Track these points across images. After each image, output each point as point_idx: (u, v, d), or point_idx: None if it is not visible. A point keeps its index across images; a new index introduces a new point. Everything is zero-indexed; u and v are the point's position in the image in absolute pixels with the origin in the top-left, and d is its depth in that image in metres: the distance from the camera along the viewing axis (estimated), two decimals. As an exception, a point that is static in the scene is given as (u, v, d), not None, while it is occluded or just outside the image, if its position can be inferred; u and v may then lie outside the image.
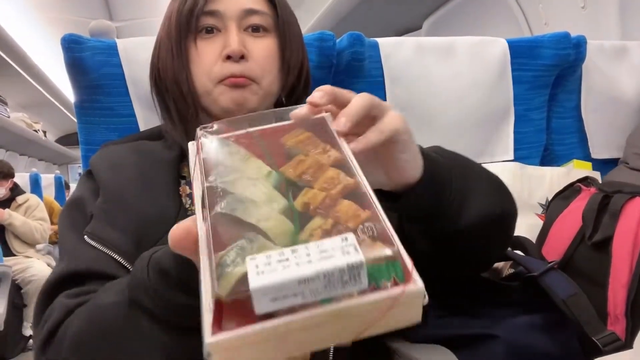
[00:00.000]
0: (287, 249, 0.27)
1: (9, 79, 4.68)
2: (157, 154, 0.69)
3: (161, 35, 0.70)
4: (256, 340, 0.26)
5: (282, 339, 0.27)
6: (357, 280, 0.26)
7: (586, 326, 0.62)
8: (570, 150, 1.29)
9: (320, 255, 0.26)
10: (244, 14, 0.65)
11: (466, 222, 0.51)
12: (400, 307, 0.27)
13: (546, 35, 1.19)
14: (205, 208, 0.32)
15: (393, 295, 0.26)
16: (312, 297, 0.26)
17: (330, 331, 0.28)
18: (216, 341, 0.26)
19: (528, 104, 1.22)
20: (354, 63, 1.04)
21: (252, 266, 0.26)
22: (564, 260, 0.80)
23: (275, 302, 0.25)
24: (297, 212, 0.31)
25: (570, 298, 0.65)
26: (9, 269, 2.57)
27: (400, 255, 0.27)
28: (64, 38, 0.85)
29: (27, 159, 6.10)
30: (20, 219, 3.23)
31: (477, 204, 0.52)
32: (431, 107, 1.11)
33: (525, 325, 0.66)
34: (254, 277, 0.25)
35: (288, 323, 0.26)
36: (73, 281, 0.57)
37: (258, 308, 0.25)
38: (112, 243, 0.58)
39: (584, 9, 1.83)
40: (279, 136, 0.37)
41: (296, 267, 0.26)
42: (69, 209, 0.66)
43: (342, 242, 0.27)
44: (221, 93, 0.65)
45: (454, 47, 1.14)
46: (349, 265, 0.26)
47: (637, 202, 0.73)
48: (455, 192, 0.50)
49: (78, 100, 0.89)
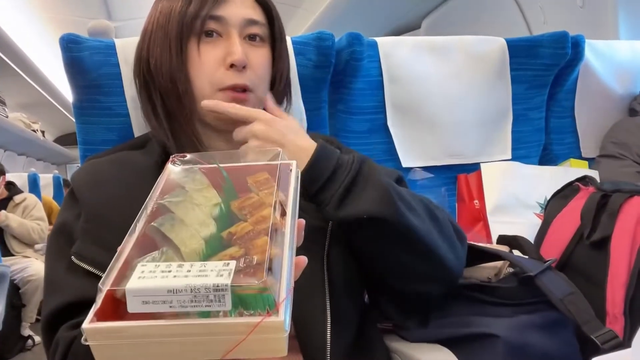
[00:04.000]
0: (175, 263, 0.31)
1: (7, 78, 4.67)
2: (138, 163, 0.68)
3: (153, 29, 0.68)
4: (122, 337, 0.29)
5: (144, 344, 0.30)
6: (222, 301, 0.28)
7: (584, 325, 0.62)
8: (569, 150, 1.29)
9: (198, 272, 0.29)
10: (246, 23, 0.67)
11: (344, 214, 0.58)
12: (260, 335, 0.29)
13: (545, 35, 1.19)
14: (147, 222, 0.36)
15: (252, 322, 0.29)
16: (180, 307, 0.29)
17: (198, 345, 0.30)
18: (89, 327, 0.29)
19: (527, 103, 1.22)
20: (352, 62, 1.04)
21: (139, 271, 0.30)
22: (562, 259, 0.80)
23: (146, 305, 0.29)
24: (220, 239, 0.35)
25: (567, 297, 0.65)
26: (7, 269, 2.56)
27: (273, 290, 0.30)
28: (63, 38, 0.85)
29: (25, 159, 6.09)
30: (16, 220, 3.22)
31: (358, 203, 0.57)
32: (430, 106, 1.12)
33: (524, 324, 0.66)
34: (134, 280, 0.29)
35: (149, 326, 0.29)
36: (69, 313, 0.57)
37: (130, 307, 0.29)
38: (99, 262, 0.58)
39: (583, 8, 1.84)
40: (246, 175, 0.43)
41: (172, 279, 0.29)
42: (55, 236, 0.65)
43: (223, 266, 0.30)
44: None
45: (453, 46, 1.14)
46: (215, 285, 0.28)
47: (636, 201, 0.73)
48: (339, 187, 0.58)
49: (76, 100, 0.89)
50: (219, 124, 0.68)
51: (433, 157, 1.14)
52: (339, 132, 1.08)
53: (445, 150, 1.14)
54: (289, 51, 0.93)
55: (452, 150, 1.15)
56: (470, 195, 1.14)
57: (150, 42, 0.68)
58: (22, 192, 3.53)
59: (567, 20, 1.93)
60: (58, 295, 0.58)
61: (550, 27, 1.79)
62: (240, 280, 0.29)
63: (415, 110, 1.11)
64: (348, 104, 1.09)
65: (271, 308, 0.29)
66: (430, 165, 1.13)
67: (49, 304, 0.59)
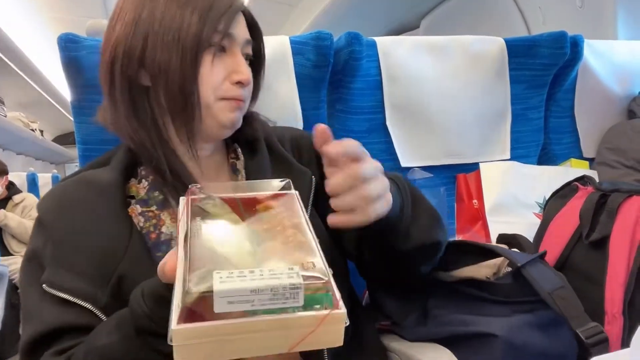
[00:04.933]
0: (246, 270, 0.35)
1: (6, 77, 4.67)
2: (100, 181, 0.68)
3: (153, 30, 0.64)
4: (209, 335, 0.33)
5: (229, 340, 0.34)
6: (296, 298, 0.34)
7: (571, 320, 0.62)
8: (568, 150, 1.30)
9: (270, 275, 0.34)
10: (246, 43, 0.69)
11: (407, 247, 0.64)
12: (326, 326, 0.34)
13: (544, 35, 1.19)
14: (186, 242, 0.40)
15: (321, 315, 0.34)
16: (260, 305, 0.33)
17: (268, 340, 0.35)
18: (177, 329, 0.33)
19: (526, 103, 1.22)
20: (351, 62, 1.04)
21: (217, 277, 0.34)
22: (561, 259, 0.80)
23: (231, 304, 0.33)
24: (260, 255, 0.39)
25: (556, 291, 0.65)
26: (6, 269, 2.56)
27: (331, 289, 0.35)
28: (61, 37, 0.85)
29: (24, 158, 6.08)
30: (15, 219, 3.22)
31: (418, 234, 0.64)
32: (428, 106, 1.12)
33: (523, 323, 0.66)
34: (217, 284, 0.33)
35: (236, 325, 0.33)
36: (47, 340, 0.59)
37: (217, 307, 0.33)
38: (69, 287, 0.59)
39: (582, 8, 1.84)
40: (255, 204, 0.47)
41: (251, 281, 0.34)
42: (26, 263, 0.65)
43: (289, 270, 0.35)
44: (222, 110, 0.67)
45: (452, 46, 1.14)
46: (291, 284, 0.34)
47: (634, 201, 0.73)
48: (405, 221, 0.63)
49: (75, 99, 0.89)
50: (218, 130, 0.68)
51: (432, 157, 1.14)
52: (337, 132, 1.08)
53: (444, 150, 1.14)
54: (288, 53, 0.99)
55: (451, 150, 1.15)
56: (469, 195, 1.14)
57: (149, 44, 0.64)
58: (21, 192, 3.52)
59: (566, 20, 1.93)
60: (35, 322, 0.60)
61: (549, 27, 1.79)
62: (308, 280, 0.34)
63: (414, 110, 1.11)
64: (347, 103, 1.09)
65: (330, 304, 0.35)
66: (429, 165, 1.13)
67: (26, 331, 0.60)
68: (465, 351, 0.66)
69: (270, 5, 3.39)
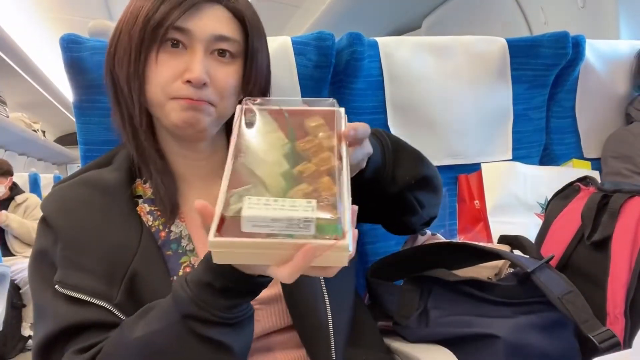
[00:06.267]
0: (272, 198, 0.42)
1: (8, 78, 4.67)
2: (105, 181, 0.67)
3: (122, 27, 0.65)
4: (236, 247, 0.41)
5: (252, 253, 0.42)
6: (308, 229, 0.40)
7: (582, 324, 0.62)
8: (570, 150, 1.29)
9: (290, 207, 0.41)
10: (214, 39, 0.63)
11: (396, 189, 0.70)
12: (333, 252, 0.40)
13: (545, 35, 1.19)
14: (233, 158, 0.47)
15: (329, 244, 0.40)
16: (278, 231, 0.40)
17: (285, 256, 0.41)
18: (216, 240, 0.41)
19: (527, 104, 1.22)
20: (353, 62, 1.04)
21: (247, 203, 0.41)
22: (563, 260, 0.80)
23: (254, 227, 0.40)
24: (293, 176, 0.45)
25: (565, 295, 0.65)
26: (8, 269, 2.56)
27: (340, 221, 0.41)
28: (63, 38, 0.85)
29: (26, 159, 6.09)
30: (17, 220, 3.23)
31: (403, 174, 0.70)
32: (430, 106, 1.12)
33: (524, 325, 0.66)
34: (246, 209, 0.40)
35: (257, 243, 0.40)
36: (63, 338, 0.58)
37: (244, 228, 0.40)
38: (83, 286, 0.59)
39: (583, 8, 1.84)
40: (303, 117, 0.52)
41: (273, 210, 0.40)
42: (36, 262, 0.64)
43: (307, 203, 0.41)
44: (173, 109, 0.63)
45: (453, 46, 1.14)
46: (305, 218, 0.40)
47: (636, 201, 0.73)
48: (388, 167, 0.68)
49: (77, 100, 0.89)
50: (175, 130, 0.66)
51: (433, 157, 1.13)
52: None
53: (446, 150, 1.14)
54: (290, 53, 0.97)
55: (453, 150, 1.15)
56: (471, 196, 1.14)
57: (118, 41, 0.65)
58: (23, 192, 3.53)
59: (568, 21, 1.93)
60: (49, 321, 0.59)
61: (550, 27, 1.79)
62: (320, 214, 0.40)
63: (416, 111, 1.11)
64: (349, 104, 1.09)
65: (338, 233, 0.40)
66: (430, 165, 1.13)
67: (41, 330, 0.59)
68: (467, 352, 0.66)
69: (273, 6, 3.39)
